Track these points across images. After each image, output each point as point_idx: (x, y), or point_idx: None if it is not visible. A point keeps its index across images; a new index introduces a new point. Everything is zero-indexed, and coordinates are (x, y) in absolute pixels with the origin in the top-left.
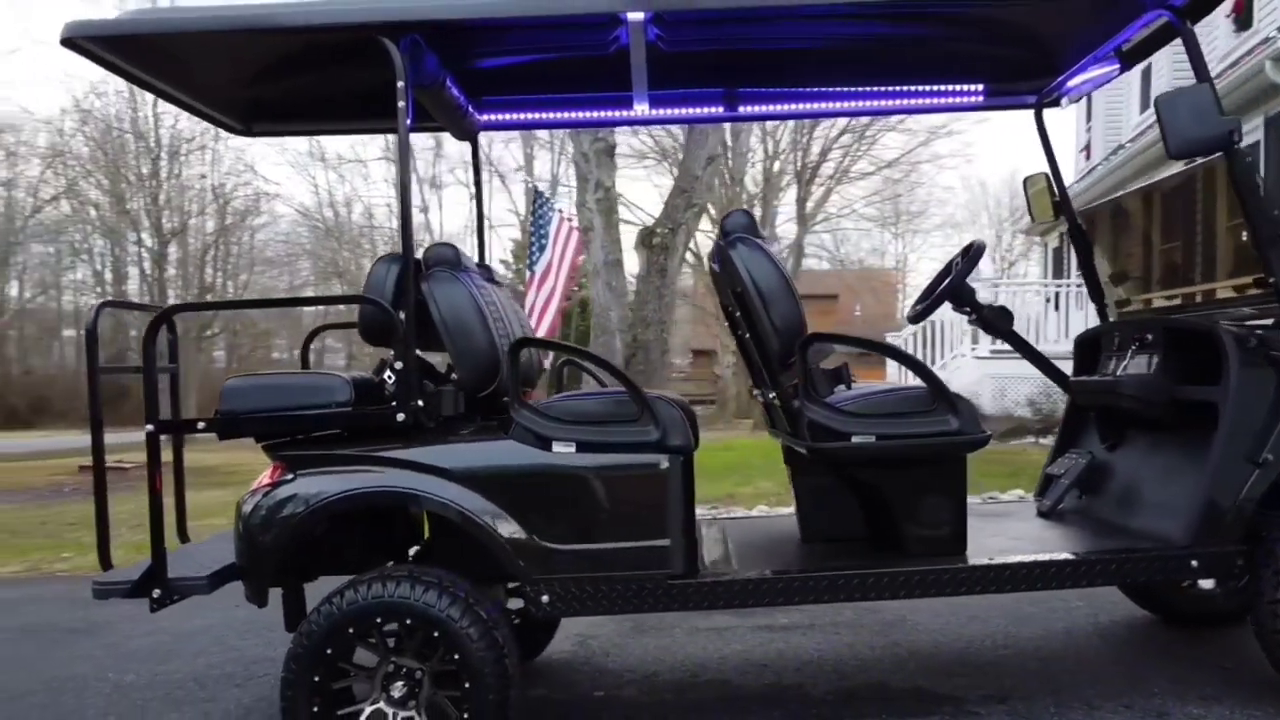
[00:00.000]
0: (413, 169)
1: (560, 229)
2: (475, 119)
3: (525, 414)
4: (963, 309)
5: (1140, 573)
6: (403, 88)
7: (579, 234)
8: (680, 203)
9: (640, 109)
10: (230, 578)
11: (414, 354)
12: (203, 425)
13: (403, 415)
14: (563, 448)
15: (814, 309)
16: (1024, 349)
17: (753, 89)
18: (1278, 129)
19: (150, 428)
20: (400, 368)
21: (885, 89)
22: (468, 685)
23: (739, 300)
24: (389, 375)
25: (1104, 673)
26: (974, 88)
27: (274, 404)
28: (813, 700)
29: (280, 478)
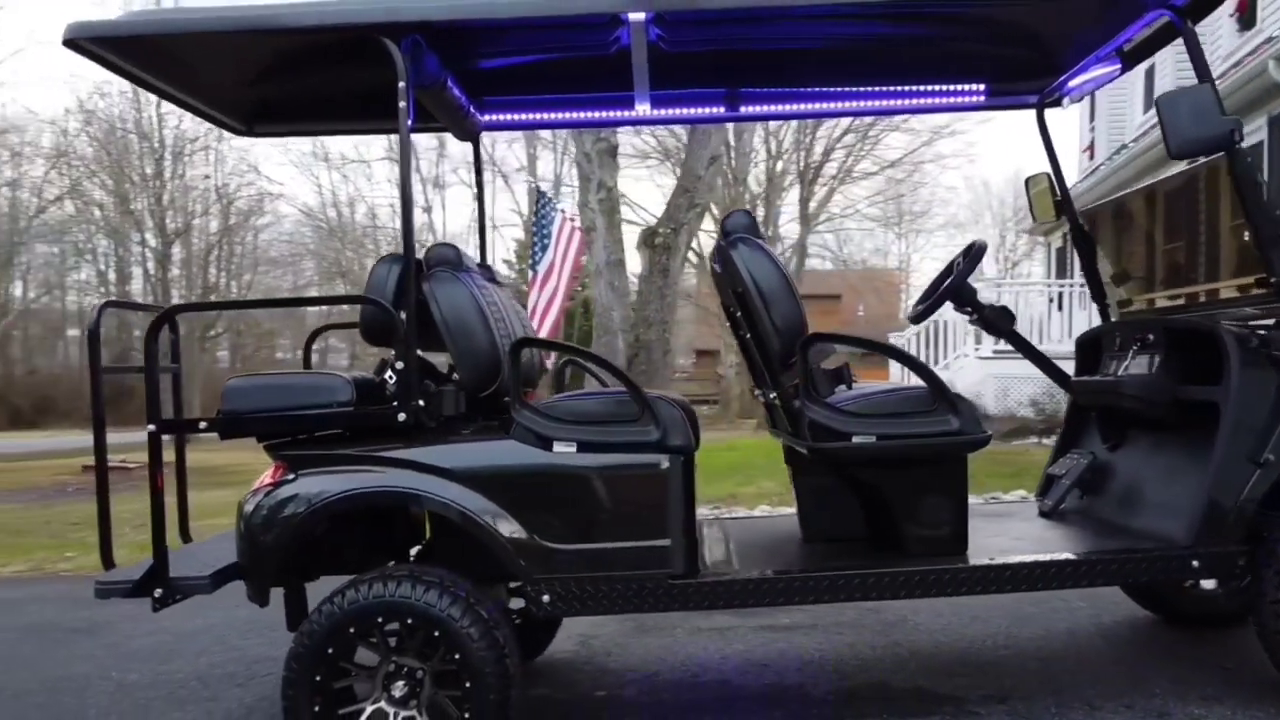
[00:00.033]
0: (416, 169)
1: (563, 229)
2: (476, 119)
3: (526, 414)
4: (964, 309)
5: (1141, 573)
6: (404, 88)
7: (581, 234)
8: (683, 203)
9: (642, 109)
10: (232, 577)
11: (415, 354)
12: (204, 425)
13: (403, 415)
14: (563, 448)
15: (817, 309)
16: (1025, 349)
17: (754, 89)
18: None
19: (152, 427)
20: (401, 368)
21: (886, 89)
22: (468, 685)
23: (740, 300)
24: (390, 375)
25: (1105, 673)
26: (975, 88)
27: (275, 404)
28: (814, 700)
29: (282, 477)
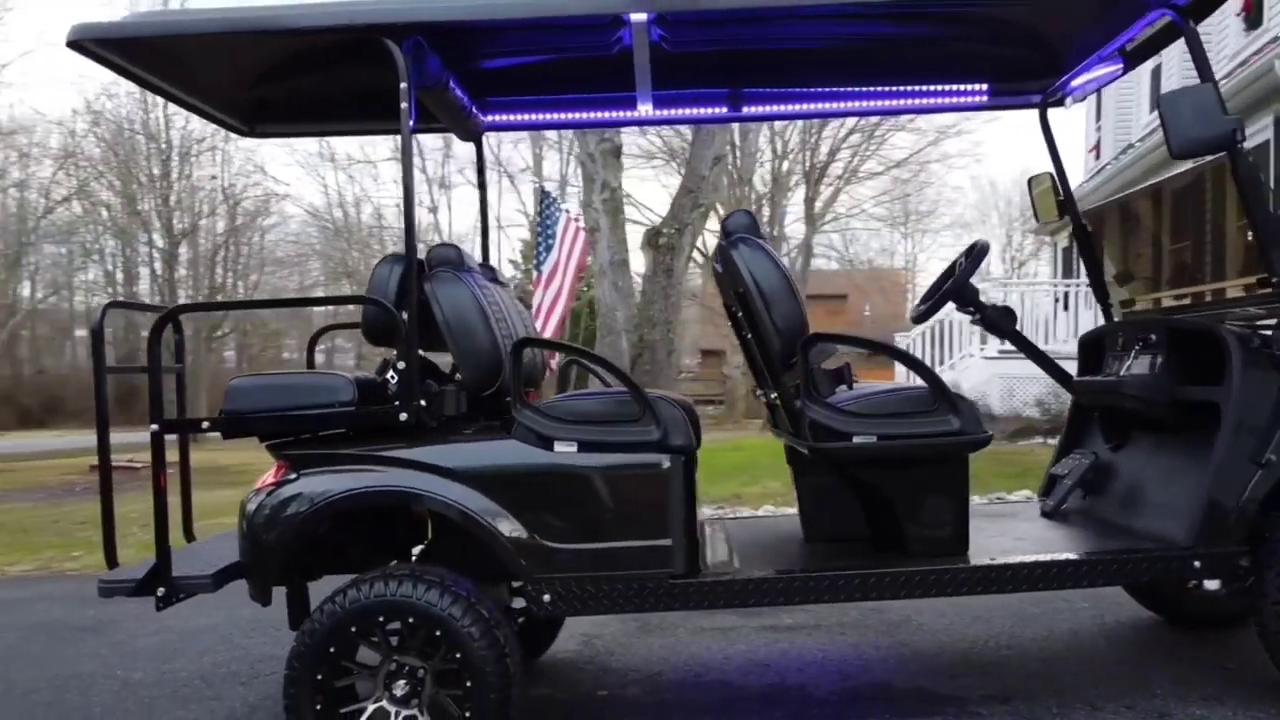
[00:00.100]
0: (421, 169)
1: (567, 229)
2: (479, 120)
3: (527, 414)
4: (966, 309)
5: (1143, 573)
6: (405, 89)
7: (585, 234)
8: (687, 203)
9: (644, 109)
10: (235, 576)
11: (416, 354)
12: (207, 425)
13: (405, 415)
14: (564, 447)
15: (823, 309)
16: (1028, 349)
17: (756, 89)
18: None
19: (155, 427)
20: (403, 368)
21: (889, 89)
22: (469, 684)
23: (741, 300)
24: (392, 375)
25: (1107, 673)
26: (978, 87)
27: (278, 403)
28: (815, 700)
29: (284, 477)
